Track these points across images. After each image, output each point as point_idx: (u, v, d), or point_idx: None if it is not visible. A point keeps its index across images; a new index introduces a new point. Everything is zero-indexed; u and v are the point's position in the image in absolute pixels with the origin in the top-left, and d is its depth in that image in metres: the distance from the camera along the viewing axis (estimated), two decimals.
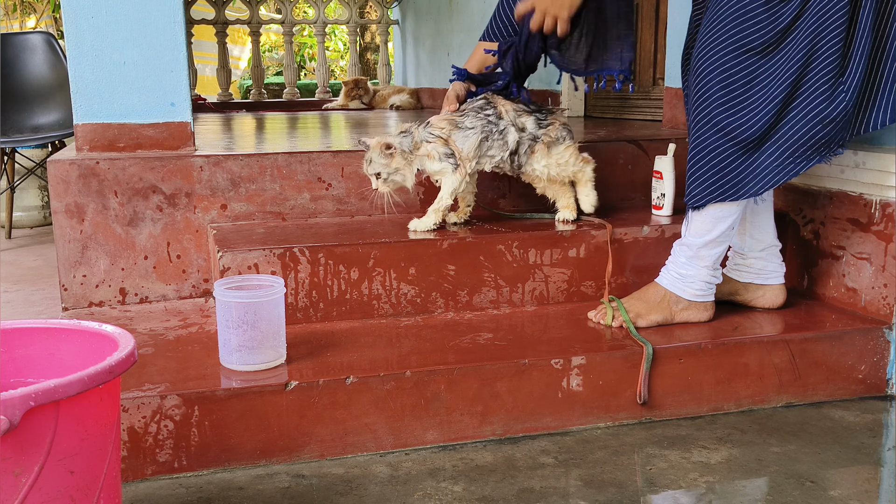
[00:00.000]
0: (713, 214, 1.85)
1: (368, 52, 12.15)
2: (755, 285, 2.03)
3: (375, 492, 1.49)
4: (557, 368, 1.72)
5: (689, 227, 1.90)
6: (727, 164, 1.81)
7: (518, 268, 2.04)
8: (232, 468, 1.58)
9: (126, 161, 2.11)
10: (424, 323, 1.95)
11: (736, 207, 1.85)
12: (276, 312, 1.66)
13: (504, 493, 1.48)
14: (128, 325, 1.96)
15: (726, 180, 1.82)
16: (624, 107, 3.73)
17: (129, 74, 2.15)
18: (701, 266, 1.89)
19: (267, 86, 8.02)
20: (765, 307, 2.03)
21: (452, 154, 2.00)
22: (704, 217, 1.86)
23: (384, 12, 6.29)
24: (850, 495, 1.48)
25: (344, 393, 1.61)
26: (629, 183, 2.50)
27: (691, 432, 1.74)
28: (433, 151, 2.00)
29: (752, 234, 2.01)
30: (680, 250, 1.92)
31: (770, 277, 2.03)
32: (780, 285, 2.03)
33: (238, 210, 2.20)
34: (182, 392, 1.55)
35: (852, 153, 2.01)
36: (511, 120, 2.03)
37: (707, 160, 1.82)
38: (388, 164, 1.97)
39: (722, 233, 1.87)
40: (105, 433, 1.11)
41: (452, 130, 2.01)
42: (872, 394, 1.93)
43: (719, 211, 1.85)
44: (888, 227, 1.95)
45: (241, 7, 6.10)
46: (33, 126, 4.10)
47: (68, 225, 2.10)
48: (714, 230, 1.86)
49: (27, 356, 1.26)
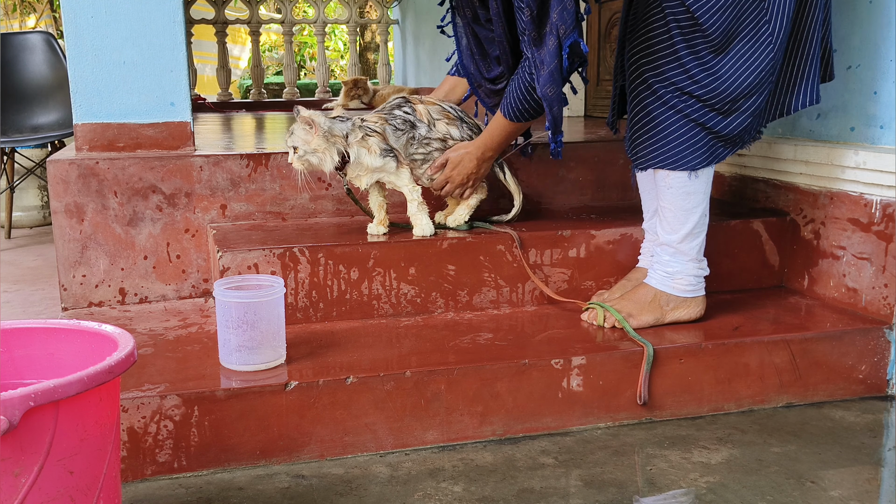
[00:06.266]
0: (682, 206, 1.86)
1: (368, 51, 12.14)
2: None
3: (375, 492, 1.49)
4: (557, 368, 1.72)
5: (663, 226, 1.90)
6: (670, 134, 1.84)
7: (518, 268, 2.04)
8: (232, 468, 1.57)
9: (126, 161, 2.11)
10: (424, 323, 1.95)
11: (702, 196, 1.87)
12: (275, 312, 1.66)
13: (504, 494, 1.48)
14: (127, 326, 1.96)
15: (668, 148, 1.85)
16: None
17: (128, 74, 2.15)
18: (686, 260, 1.89)
19: (267, 85, 8.02)
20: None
21: (391, 149, 1.98)
22: (675, 210, 1.87)
23: (384, 12, 6.28)
24: (850, 495, 1.48)
25: (344, 393, 1.61)
26: (629, 183, 2.49)
27: (691, 432, 1.74)
28: (374, 146, 1.96)
29: None
30: (661, 250, 1.92)
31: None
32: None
33: (238, 210, 2.20)
34: (182, 392, 1.54)
35: (853, 153, 2.01)
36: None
37: (652, 127, 1.86)
38: (307, 142, 1.90)
39: (696, 223, 1.87)
40: (105, 433, 1.11)
41: (385, 126, 2.00)
42: (873, 394, 1.93)
43: (686, 202, 1.86)
44: (888, 226, 1.95)
45: (241, 7, 6.10)
46: (33, 126, 4.10)
47: (68, 225, 2.10)
48: (688, 222, 1.87)
49: (27, 356, 1.26)
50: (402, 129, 2.00)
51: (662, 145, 1.85)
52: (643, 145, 1.88)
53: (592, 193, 2.48)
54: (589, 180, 2.47)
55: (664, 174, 1.87)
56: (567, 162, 2.44)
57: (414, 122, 2.02)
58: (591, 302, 1.98)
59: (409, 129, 2.01)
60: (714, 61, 1.78)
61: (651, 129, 1.86)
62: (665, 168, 1.86)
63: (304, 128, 1.91)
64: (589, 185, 2.47)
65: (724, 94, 1.79)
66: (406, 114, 2.03)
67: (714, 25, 1.75)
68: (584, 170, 2.46)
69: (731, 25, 1.76)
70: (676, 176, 1.85)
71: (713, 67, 1.78)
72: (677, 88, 1.81)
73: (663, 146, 1.85)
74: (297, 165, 1.93)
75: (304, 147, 1.90)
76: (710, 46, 1.78)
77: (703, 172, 1.86)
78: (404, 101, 2.06)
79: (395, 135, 1.99)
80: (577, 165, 2.45)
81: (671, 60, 1.81)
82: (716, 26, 1.75)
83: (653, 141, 1.86)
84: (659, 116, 1.84)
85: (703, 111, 1.81)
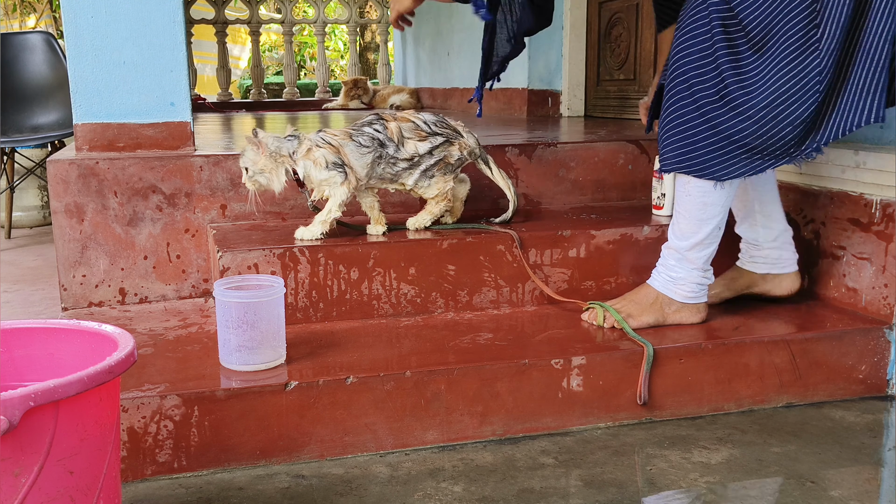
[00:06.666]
0: (697, 216, 1.83)
1: (368, 51, 12.15)
2: (773, 275, 2.04)
3: (375, 492, 1.49)
4: (557, 368, 1.72)
5: (674, 230, 1.89)
6: (700, 140, 1.77)
7: (518, 268, 2.04)
8: (232, 468, 1.57)
9: (126, 161, 2.11)
10: (424, 323, 1.95)
11: (720, 209, 1.83)
12: (275, 312, 1.66)
13: (504, 494, 1.48)
14: (127, 326, 1.96)
15: (696, 154, 1.79)
16: (624, 107, 3.73)
17: (128, 74, 2.15)
18: (691, 268, 1.88)
19: (267, 85, 8.03)
20: (783, 295, 2.04)
21: (342, 164, 1.93)
22: (689, 218, 1.85)
23: (384, 12, 6.28)
24: (850, 495, 1.47)
25: (344, 393, 1.61)
26: (629, 183, 2.50)
27: (691, 432, 1.74)
28: (321, 158, 1.92)
29: (764, 224, 2.00)
30: (668, 253, 1.91)
31: (786, 266, 2.03)
32: (796, 272, 2.04)
33: (238, 210, 2.20)
34: (182, 392, 1.54)
35: (853, 153, 2.01)
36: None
37: (679, 130, 1.79)
38: (255, 162, 1.89)
39: (708, 234, 1.85)
40: (105, 433, 1.11)
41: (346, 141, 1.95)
42: (873, 394, 1.93)
43: (702, 212, 1.83)
44: (889, 226, 1.95)
45: (241, 7, 6.10)
46: (33, 126, 4.10)
47: (68, 225, 2.10)
48: (700, 232, 1.84)
49: (27, 356, 1.26)
50: (369, 146, 1.95)
51: (689, 150, 1.79)
52: (670, 147, 1.82)
53: (592, 193, 2.48)
54: (589, 180, 2.47)
55: (685, 180, 1.83)
56: (567, 162, 2.44)
57: (383, 141, 1.97)
58: (591, 302, 1.98)
59: (378, 147, 1.96)
60: (752, 58, 1.69)
61: (681, 131, 1.79)
62: (690, 174, 1.80)
63: (252, 148, 1.90)
64: (589, 185, 2.47)
65: (758, 97, 1.69)
66: (376, 131, 1.97)
67: (754, 20, 1.67)
68: (584, 170, 2.46)
69: (772, 21, 1.66)
70: (697, 184, 1.81)
71: (751, 67, 1.69)
72: (714, 90, 1.73)
73: (690, 151, 1.79)
74: (249, 186, 1.93)
75: (253, 168, 1.90)
76: (749, 44, 1.69)
77: (728, 184, 1.80)
78: (377, 118, 2.01)
79: (359, 151, 1.94)
80: (577, 165, 2.45)
81: (709, 59, 1.73)
82: (756, 21, 1.67)
83: (680, 144, 1.80)
84: (691, 120, 1.77)
85: (736, 119, 1.72)
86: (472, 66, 4.76)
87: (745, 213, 2.02)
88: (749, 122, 1.72)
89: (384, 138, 1.97)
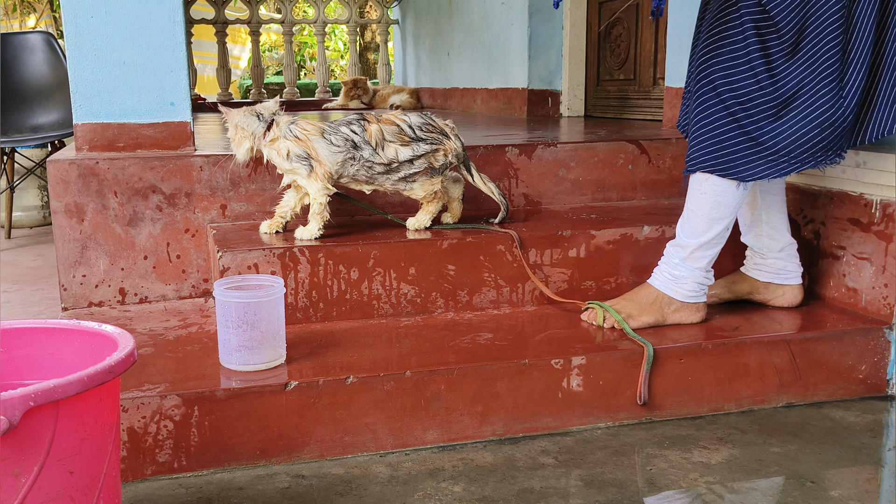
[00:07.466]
0: (710, 215, 1.85)
1: (368, 51, 12.14)
2: (775, 285, 2.04)
3: (375, 492, 1.49)
4: (557, 368, 1.72)
5: (684, 227, 1.90)
6: (727, 140, 1.79)
7: (518, 268, 2.04)
8: (232, 468, 1.57)
9: (126, 161, 2.11)
10: (424, 323, 1.95)
11: (732, 210, 1.84)
12: (275, 312, 1.66)
13: (504, 494, 1.48)
14: (127, 326, 1.96)
15: (723, 154, 1.80)
16: (624, 107, 3.73)
17: (128, 74, 2.15)
18: (694, 267, 1.89)
19: (267, 85, 8.03)
20: (783, 306, 2.04)
21: (307, 157, 1.94)
22: (702, 217, 1.85)
23: (384, 12, 6.28)
24: (850, 495, 1.47)
25: (344, 393, 1.61)
26: (629, 183, 2.50)
27: (692, 432, 1.74)
28: (284, 149, 1.95)
29: (770, 235, 2.01)
30: (674, 251, 1.92)
31: (790, 277, 2.04)
32: (799, 285, 2.04)
33: (238, 210, 2.20)
34: (182, 392, 1.54)
35: (853, 153, 2.01)
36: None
37: (710, 130, 1.80)
38: (229, 130, 2.03)
39: (717, 234, 1.86)
40: (105, 433, 1.11)
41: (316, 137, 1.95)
42: (873, 394, 1.93)
43: (716, 211, 1.84)
44: (888, 227, 1.95)
45: (241, 7, 6.10)
46: (33, 126, 4.10)
47: (68, 225, 2.10)
48: (710, 231, 1.86)
49: (27, 356, 1.26)
50: (340, 146, 1.94)
51: (717, 150, 1.80)
52: (698, 147, 1.82)
53: (592, 193, 2.48)
54: (589, 180, 2.47)
55: (702, 178, 1.83)
56: (567, 162, 2.44)
57: (357, 144, 1.95)
58: (591, 302, 1.98)
59: (350, 149, 1.95)
60: (787, 61, 1.71)
61: (709, 132, 1.80)
62: (715, 174, 1.81)
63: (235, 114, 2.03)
64: (589, 185, 2.47)
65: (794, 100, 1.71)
66: (353, 132, 1.96)
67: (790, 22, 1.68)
68: (584, 170, 2.46)
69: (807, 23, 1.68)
70: (716, 183, 1.81)
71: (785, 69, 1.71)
72: (745, 92, 1.74)
73: (717, 151, 1.80)
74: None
75: (229, 135, 2.05)
76: (781, 46, 1.71)
77: (747, 186, 1.82)
78: (359, 118, 1.99)
79: (329, 150, 1.94)
80: (577, 165, 2.45)
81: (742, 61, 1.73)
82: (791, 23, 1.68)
83: (708, 144, 1.80)
84: (719, 121, 1.78)
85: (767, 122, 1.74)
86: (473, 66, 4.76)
87: (752, 223, 2.03)
88: (782, 125, 1.74)
89: (360, 140, 1.96)
